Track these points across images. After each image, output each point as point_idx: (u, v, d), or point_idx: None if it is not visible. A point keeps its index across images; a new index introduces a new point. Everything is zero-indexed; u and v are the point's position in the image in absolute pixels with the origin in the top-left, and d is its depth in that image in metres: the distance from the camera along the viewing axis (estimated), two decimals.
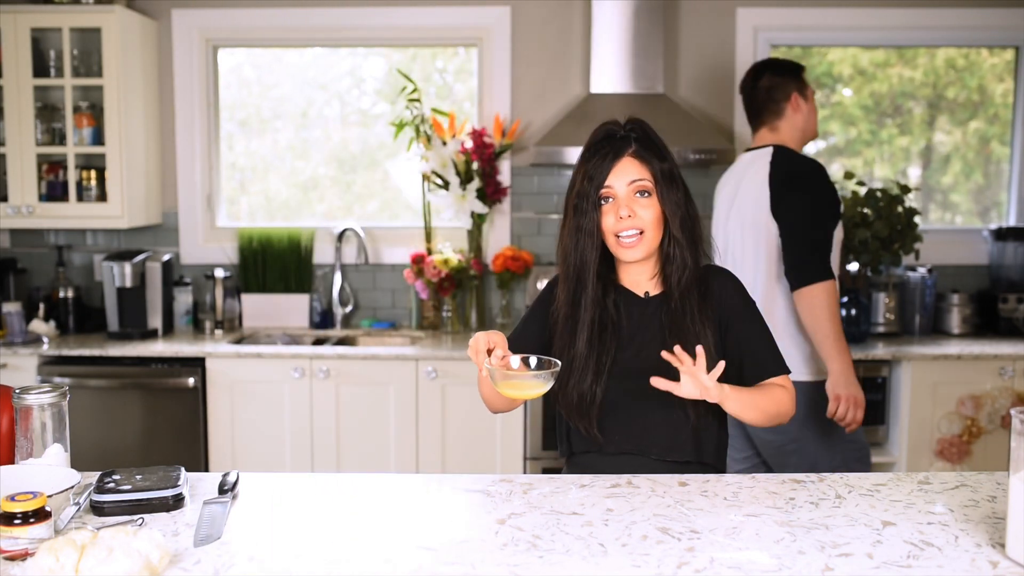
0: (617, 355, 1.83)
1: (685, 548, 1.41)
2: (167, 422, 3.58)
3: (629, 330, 1.85)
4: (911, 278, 3.93)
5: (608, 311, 1.85)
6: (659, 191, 1.80)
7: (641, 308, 1.86)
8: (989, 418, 3.56)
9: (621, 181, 1.80)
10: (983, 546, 1.42)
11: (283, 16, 4.05)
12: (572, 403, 1.83)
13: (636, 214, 1.79)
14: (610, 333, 1.84)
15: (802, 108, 2.92)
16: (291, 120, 4.29)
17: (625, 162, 1.81)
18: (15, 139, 3.78)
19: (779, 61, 3.01)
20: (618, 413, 1.83)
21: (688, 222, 1.83)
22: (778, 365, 1.87)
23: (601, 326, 1.84)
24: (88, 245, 4.17)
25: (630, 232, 1.80)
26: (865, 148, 4.25)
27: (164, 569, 1.31)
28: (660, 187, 1.80)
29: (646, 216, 1.79)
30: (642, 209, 1.79)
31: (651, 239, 1.81)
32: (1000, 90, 4.20)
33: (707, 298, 1.83)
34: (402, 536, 1.45)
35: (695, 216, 1.85)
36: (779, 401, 1.82)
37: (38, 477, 1.54)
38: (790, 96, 2.91)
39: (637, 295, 1.88)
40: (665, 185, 1.81)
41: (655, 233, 1.81)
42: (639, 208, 1.79)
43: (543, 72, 4.07)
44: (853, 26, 4.05)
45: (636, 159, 1.81)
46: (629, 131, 1.85)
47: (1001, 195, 4.27)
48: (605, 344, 1.83)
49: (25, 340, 3.69)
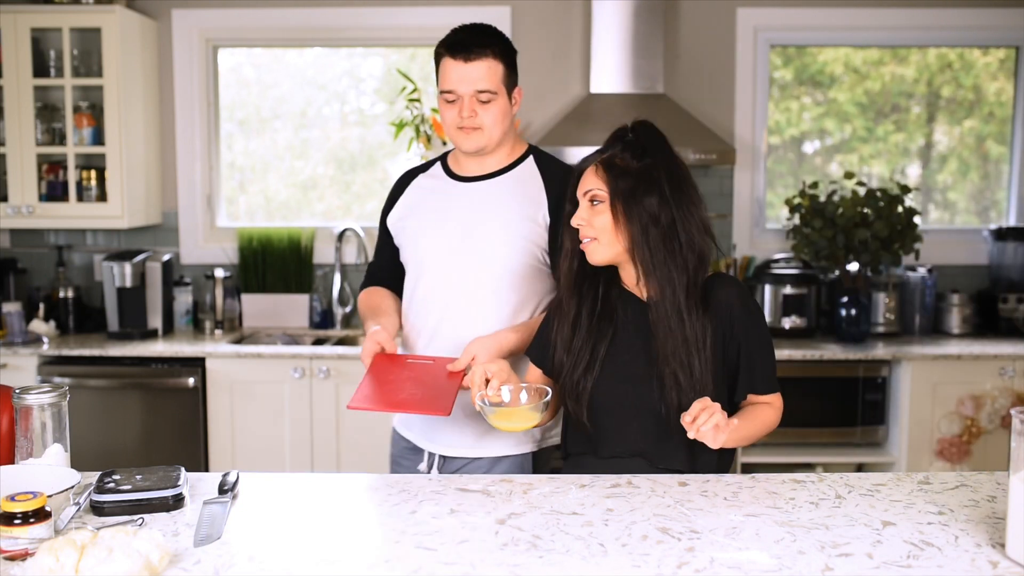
0: (612, 351, 1.84)
1: (685, 548, 1.41)
2: (167, 422, 3.58)
3: (627, 332, 1.85)
4: (911, 278, 3.93)
5: (610, 302, 1.88)
6: (615, 205, 1.79)
7: (641, 312, 1.86)
8: (989, 418, 3.57)
9: (580, 191, 1.86)
10: (983, 546, 1.42)
11: (283, 16, 4.05)
12: (567, 388, 1.87)
13: (588, 222, 1.82)
14: (607, 323, 1.86)
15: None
16: (290, 120, 4.29)
17: (588, 172, 1.85)
18: (15, 139, 3.78)
19: None
20: (612, 416, 1.84)
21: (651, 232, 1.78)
22: (766, 384, 1.84)
23: (600, 316, 1.86)
24: (88, 245, 4.17)
25: (584, 235, 1.84)
26: (861, 145, 4.26)
27: (164, 569, 1.31)
28: (618, 201, 1.78)
29: (597, 223, 1.81)
30: (594, 216, 1.81)
31: (608, 244, 1.81)
32: (994, 89, 4.20)
33: (708, 309, 1.81)
34: (402, 536, 1.45)
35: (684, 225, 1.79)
36: (766, 423, 1.84)
37: (38, 477, 1.54)
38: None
39: (638, 298, 1.88)
40: (627, 200, 1.78)
41: (611, 239, 1.81)
42: (592, 216, 1.82)
43: (543, 72, 4.07)
44: (853, 26, 4.06)
45: (597, 167, 1.83)
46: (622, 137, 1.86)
47: (998, 194, 4.28)
48: (602, 332, 1.85)
49: (25, 340, 3.69)
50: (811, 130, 4.29)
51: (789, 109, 4.26)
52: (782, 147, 4.29)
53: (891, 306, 3.87)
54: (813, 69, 4.22)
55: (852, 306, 3.71)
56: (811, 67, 4.22)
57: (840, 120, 4.26)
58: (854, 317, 3.70)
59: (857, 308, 3.70)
